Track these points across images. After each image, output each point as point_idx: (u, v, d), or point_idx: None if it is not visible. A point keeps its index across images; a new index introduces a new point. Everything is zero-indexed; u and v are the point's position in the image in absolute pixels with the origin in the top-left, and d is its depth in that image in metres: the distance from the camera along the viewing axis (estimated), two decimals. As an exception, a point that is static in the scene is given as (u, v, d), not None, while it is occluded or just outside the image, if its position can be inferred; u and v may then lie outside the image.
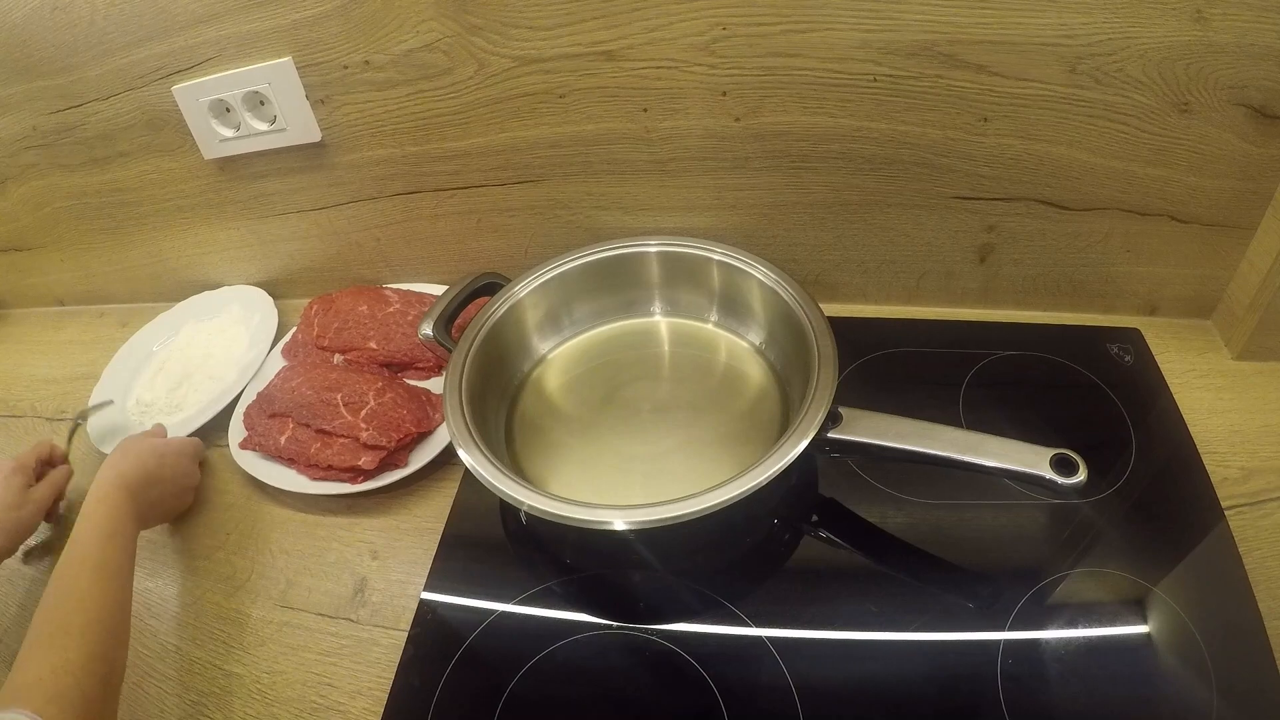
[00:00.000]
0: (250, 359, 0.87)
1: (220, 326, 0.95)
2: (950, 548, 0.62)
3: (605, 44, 0.68)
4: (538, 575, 0.64)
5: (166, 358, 0.93)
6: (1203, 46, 0.60)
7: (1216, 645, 0.53)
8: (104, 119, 0.84)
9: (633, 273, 0.77)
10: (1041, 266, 0.77)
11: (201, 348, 0.93)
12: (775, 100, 0.69)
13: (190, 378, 0.89)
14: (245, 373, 0.84)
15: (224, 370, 0.89)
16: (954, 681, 0.54)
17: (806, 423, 0.56)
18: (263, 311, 0.93)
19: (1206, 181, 0.67)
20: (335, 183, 0.84)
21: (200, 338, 0.94)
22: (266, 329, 0.90)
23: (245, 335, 0.92)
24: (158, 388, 0.89)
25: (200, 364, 0.90)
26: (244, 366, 0.86)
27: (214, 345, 0.93)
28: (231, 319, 0.95)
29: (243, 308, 0.96)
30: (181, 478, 0.72)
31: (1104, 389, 0.71)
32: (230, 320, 0.95)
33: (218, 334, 0.94)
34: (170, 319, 0.98)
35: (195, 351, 0.92)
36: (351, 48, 0.73)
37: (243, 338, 0.92)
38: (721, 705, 0.54)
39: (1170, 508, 0.62)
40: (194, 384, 0.88)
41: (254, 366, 0.85)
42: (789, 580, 0.62)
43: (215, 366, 0.90)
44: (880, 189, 0.73)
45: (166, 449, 0.71)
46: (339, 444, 0.71)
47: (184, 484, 0.73)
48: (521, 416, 0.72)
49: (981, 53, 0.63)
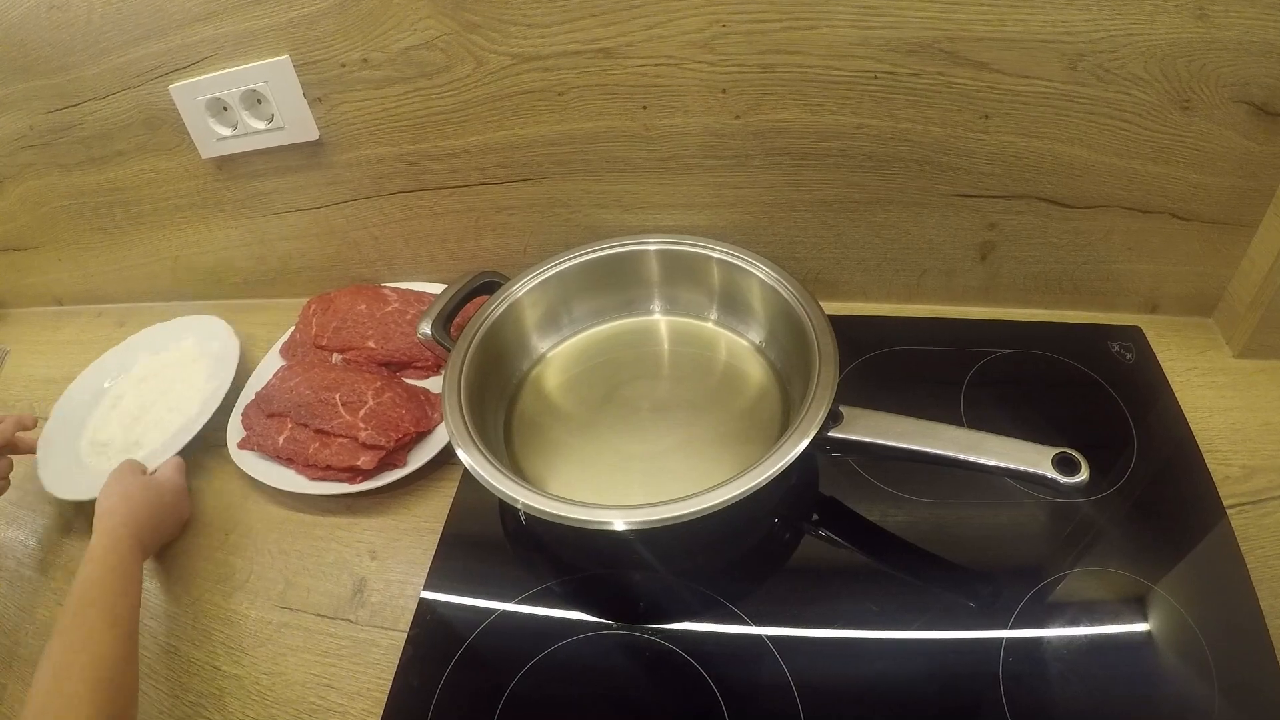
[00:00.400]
0: (212, 389, 0.82)
1: (176, 358, 0.91)
2: (951, 547, 0.61)
3: (604, 41, 0.68)
4: (538, 575, 0.63)
5: (120, 394, 0.88)
6: (1204, 43, 0.60)
7: (1218, 644, 0.53)
8: (101, 118, 0.84)
9: (632, 271, 0.77)
10: (1043, 264, 0.76)
11: (158, 381, 0.88)
12: (775, 98, 0.68)
13: (148, 411, 0.85)
14: (208, 404, 0.80)
15: (184, 402, 0.84)
16: (955, 680, 0.54)
17: (807, 422, 0.56)
18: (221, 340, 0.89)
19: (1208, 179, 0.67)
20: (333, 181, 0.84)
21: (156, 371, 0.90)
22: (227, 358, 0.85)
23: (204, 365, 0.88)
24: (112, 425, 0.85)
25: (158, 398, 0.86)
26: (206, 397, 0.82)
27: (172, 377, 0.88)
28: (188, 350, 0.91)
29: (198, 338, 0.91)
30: (178, 503, 0.72)
31: (1105, 387, 0.71)
32: (187, 351, 0.91)
33: (174, 366, 0.90)
34: (120, 354, 0.93)
35: (151, 385, 0.88)
36: (349, 46, 0.72)
37: (201, 368, 0.88)
38: (722, 705, 0.54)
39: (1172, 506, 0.62)
40: (153, 418, 0.84)
41: (217, 397, 0.80)
42: (789, 580, 0.62)
43: (175, 399, 0.85)
44: (881, 186, 0.73)
45: (159, 480, 0.71)
46: (337, 444, 0.70)
47: (180, 508, 0.72)
48: (521, 415, 0.72)
49: (982, 50, 0.63)
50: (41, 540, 0.76)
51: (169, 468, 0.73)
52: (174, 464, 0.74)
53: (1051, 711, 0.52)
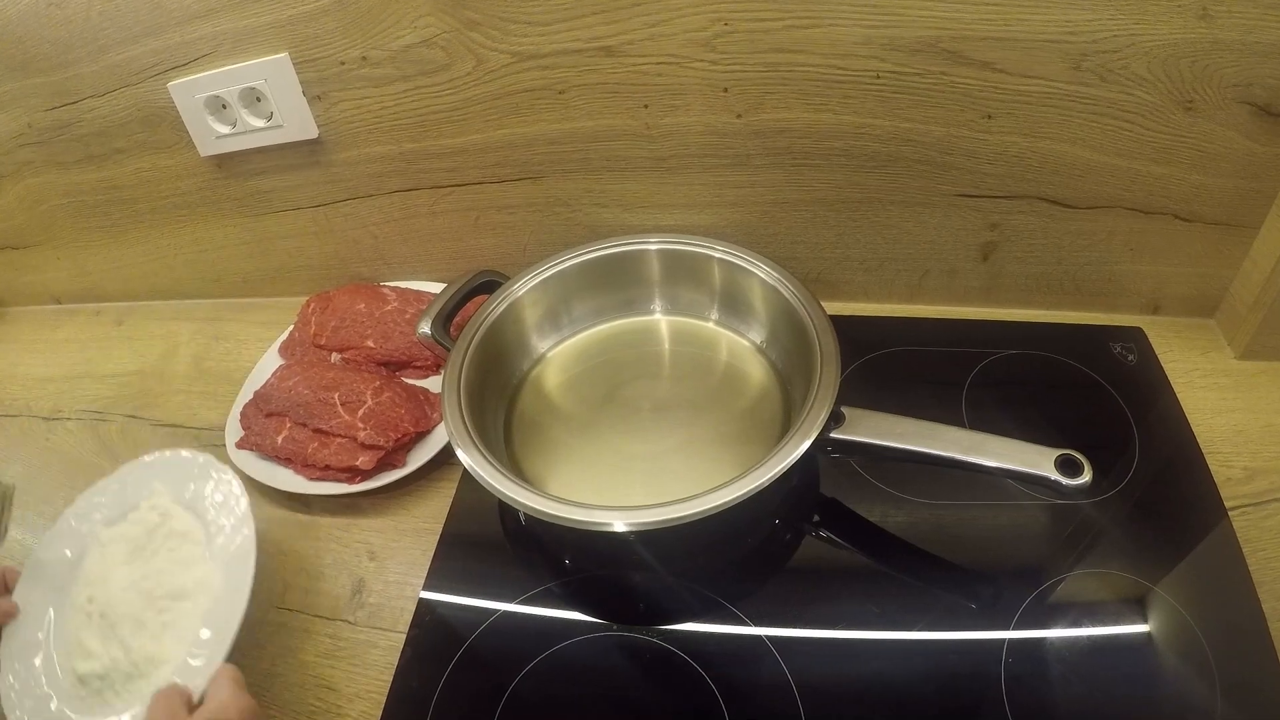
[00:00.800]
0: (222, 545, 0.60)
1: (144, 531, 0.63)
2: (952, 548, 0.61)
3: (605, 39, 0.67)
4: (537, 576, 0.63)
5: (88, 609, 0.59)
6: (1208, 44, 0.59)
7: (1220, 646, 0.53)
8: (100, 116, 0.83)
9: (633, 270, 0.77)
10: (1045, 265, 0.76)
11: (129, 576, 0.60)
12: (777, 97, 0.68)
13: (143, 625, 0.57)
14: (234, 597, 0.56)
15: (186, 579, 0.59)
16: (956, 682, 0.54)
17: (809, 423, 0.56)
18: (211, 480, 0.64)
19: (1210, 180, 0.67)
20: (332, 180, 0.84)
21: (120, 560, 0.61)
22: (228, 508, 0.62)
23: (194, 527, 0.62)
24: (95, 653, 0.57)
25: (145, 601, 0.58)
26: (225, 559, 0.59)
27: (151, 564, 0.61)
28: (160, 512, 0.64)
29: (169, 485, 0.65)
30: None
31: (1107, 388, 0.70)
32: (158, 514, 0.64)
33: (147, 543, 0.62)
34: (59, 541, 0.63)
35: (120, 585, 0.59)
36: (348, 43, 0.72)
37: (192, 535, 0.62)
38: (723, 707, 0.54)
39: (1173, 508, 0.62)
40: (150, 631, 0.57)
41: (244, 585, 0.56)
42: (790, 581, 0.62)
43: (170, 579, 0.59)
44: (883, 186, 0.73)
45: (222, 708, 0.49)
46: (336, 444, 0.70)
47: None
48: (520, 415, 0.72)
49: (985, 49, 0.63)
50: None
51: (225, 685, 0.51)
52: (229, 676, 0.51)
53: (1053, 713, 0.52)
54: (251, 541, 0.59)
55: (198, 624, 0.56)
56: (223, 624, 0.55)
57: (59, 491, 0.79)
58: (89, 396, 0.91)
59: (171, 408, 0.86)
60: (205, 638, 0.55)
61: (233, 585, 0.57)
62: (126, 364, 0.94)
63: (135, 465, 0.67)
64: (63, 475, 0.81)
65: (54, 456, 0.84)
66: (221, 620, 0.55)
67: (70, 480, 0.80)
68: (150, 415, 0.86)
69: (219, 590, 0.58)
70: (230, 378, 0.86)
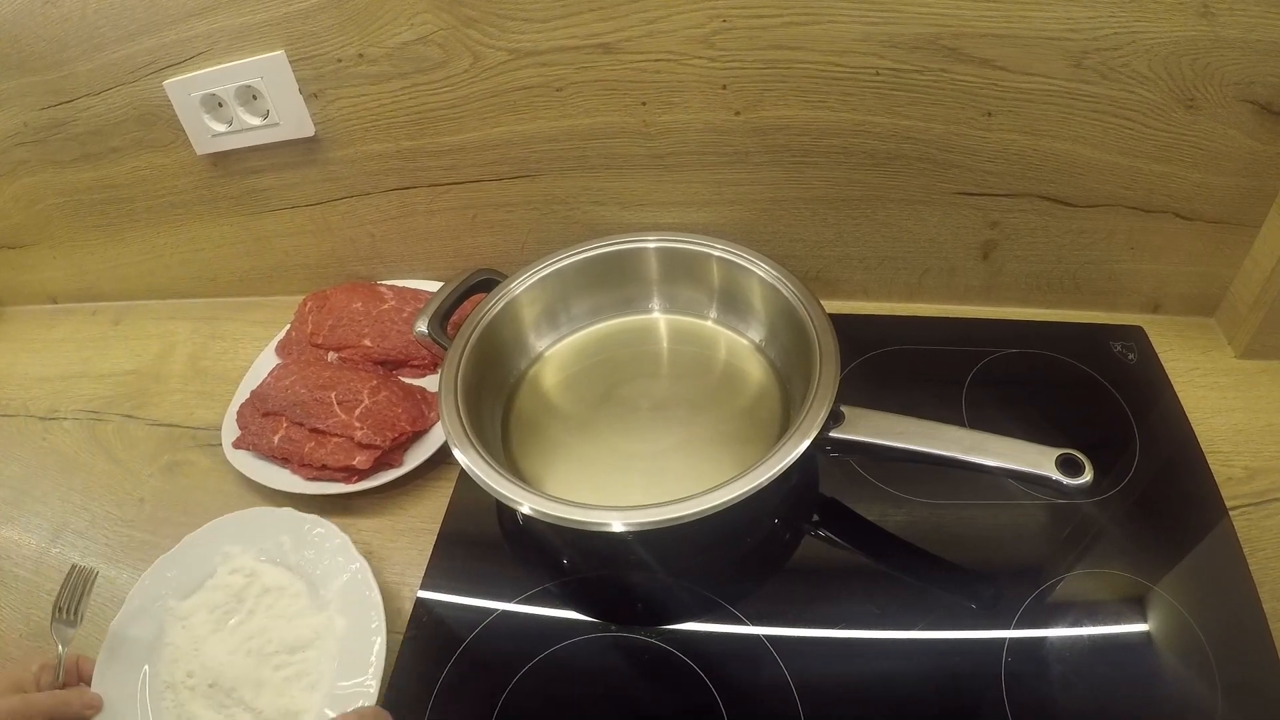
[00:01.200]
0: (351, 610, 0.60)
1: (229, 595, 0.63)
2: (952, 548, 0.61)
3: (602, 36, 0.67)
4: (535, 576, 0.63)
5: (189, 683, 0.59)
6: (1209, 42, 0.59)
7: (1221, 646, 0.53)
8: (96, 114, 0.83)
9: (631, 269, 0.76)
10: (1045, 263, 0.76)
11: (230, 642, 0.60)
12: (776, 94, 0.68)
13: (262, 684, 0.58)
14: (364, 636, 0.58)
15: (304, 638, 0.60)
16: (957, 681, 0.54)
17: (809, 422, 0.55)
18: (297, 530, 0.65)
19: (1211, 178, 0.67)
20: (329, 178, 0.83)
21: (209, 630, 0.61)
22: (323, 550, 0.64)
23: (290, 580, 0.63)
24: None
25: (258, 660, 0.59)
26: (351, 630, 0.59)
27: (251, 624, 0.61)
28: (244, 574, 0.64)
29: (247, 546, 0.65)
30: None
31: (1107, 387, 0.70)
32: (243, 575, 0.64)
33: (237, 606, 0.63)
34: (132, 624, 0.62)
35: (222, 652, 0.60)
36: (345, 41, 0.72)
37: (290, 588, 0.63)
38: (721, 707, 0.54)
39: (1174, 507, 0.62)
40: (273, 687, 0.58)
41: (373, 622, 0.59)
42: (790, 581, 0.61)
43: (282, 643, 0.60)
44: (882, 184, 0.73)
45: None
46: (333, 443, 0.70)
47: None
48: (518, 414, 0.71)
49: (986, 46, 0.62)
50: None
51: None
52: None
53: (1053, 712, 0.52)
54: (368, 576, 0.61)
55: (330, 669, 0.58)
56: (359, 662, 0.57)
57: (55, 491, 0.79)
58: (85, 396, 0.90)
59: (168, 407, 0.86)
60: (343, 683, 0.57)
61: (358, 625, 0.59)
62: (123, 363, 0.94)
63: (202, 533, 0.67)
64: (59, 475, 0.81)
65: (51, 456, 0.84)
66: (357, 659, 0.58)
67: (67, 480, 0.80)
68: (147, 415, 0.86)
69: (343, 632, 0.60)
70: (227, 377, 0.86)
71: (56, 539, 0.75)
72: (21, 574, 0.72)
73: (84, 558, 0.72)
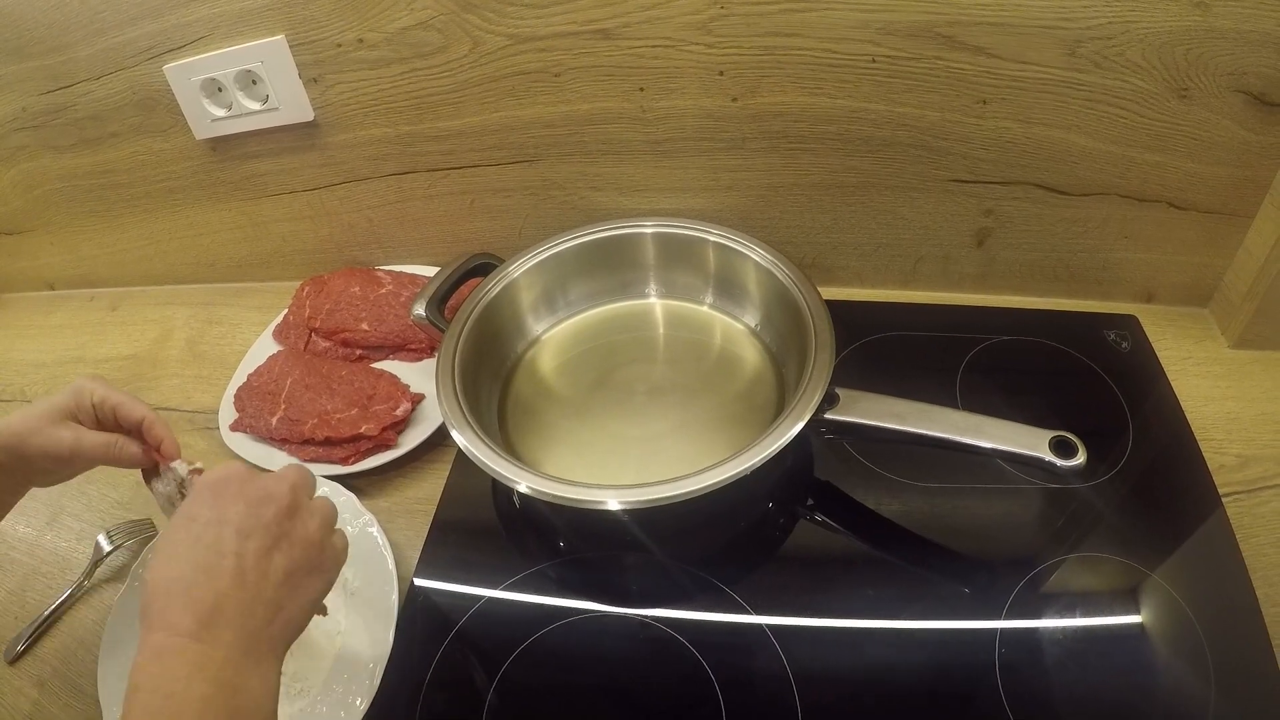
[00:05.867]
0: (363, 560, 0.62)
1: None
2: (947, 532, 0.61)
3: (601, 22, 0.67)
4: (530, 558, 0.63)
5: None
6: (1203, 32, 0.60)
7: (1213, 631, 0.53)
8: (95, 99, 0.83)
9: (628, 254, 0.77)
10: (1039, 252, 0.76)
11: None
12: (773, 80, 0.68)
13: None
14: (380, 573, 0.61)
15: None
16: (950, 666, 0.54)
17: (804, 402, 0.56)
18: None
19: (1204, 168, 0.67)
20: (328, 163, 0.83)
21: None
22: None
23: None
24: None
25: None
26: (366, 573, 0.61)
27: None
28: None
29: None
30: (317, 536, 0.45)
31: (1101, 375, 0.70)
32: None
33: None
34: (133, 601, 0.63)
35: None
36: (345, 25, 0.72)
37: None
38: (716, 687, 0.54)
39: (1167, 494, 0.62)
40: None
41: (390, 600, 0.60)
42: (784, 564, 0.61)
43: None
44: (878, 171, 0.73)
45: (269, 483, 0.45)
46: (330, 425, 0.70)
47: (326, 550, 0.46)
48: (515, 398, 0.71)
49: (981, 34, 0.63)
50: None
51: (296, 472, 0.47)
52: (298, 471, 0.48)
53: (1048, 697, 0.52)
54: (377, 527, 0.63)
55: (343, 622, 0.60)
56: (377, 613, 0.59)
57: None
58: (82, 381, 0.90)
59: (166, 391, 0.86)
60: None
61: (373, 574, 0.61)
62: (121, 348, 0.94)
63: None
64: (55, 458, 0.81)
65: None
66: (374, 610, 0.59)
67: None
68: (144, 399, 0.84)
69: (356, 583, 0.62)
70: (224, 361, 0.86)
71: (53, 523, 0.74)
72: (17, 557, 0.72)
73: (80, 541, 0.72)
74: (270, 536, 0.42)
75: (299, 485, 0.46)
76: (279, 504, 0.43)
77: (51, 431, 0.51)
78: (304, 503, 0.45)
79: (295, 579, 0.42)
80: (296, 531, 0.43)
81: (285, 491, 0.44)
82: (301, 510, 0.45)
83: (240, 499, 0.43)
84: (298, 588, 0.42)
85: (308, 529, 0.44)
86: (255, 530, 0.42)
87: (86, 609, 0.66)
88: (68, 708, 0.60)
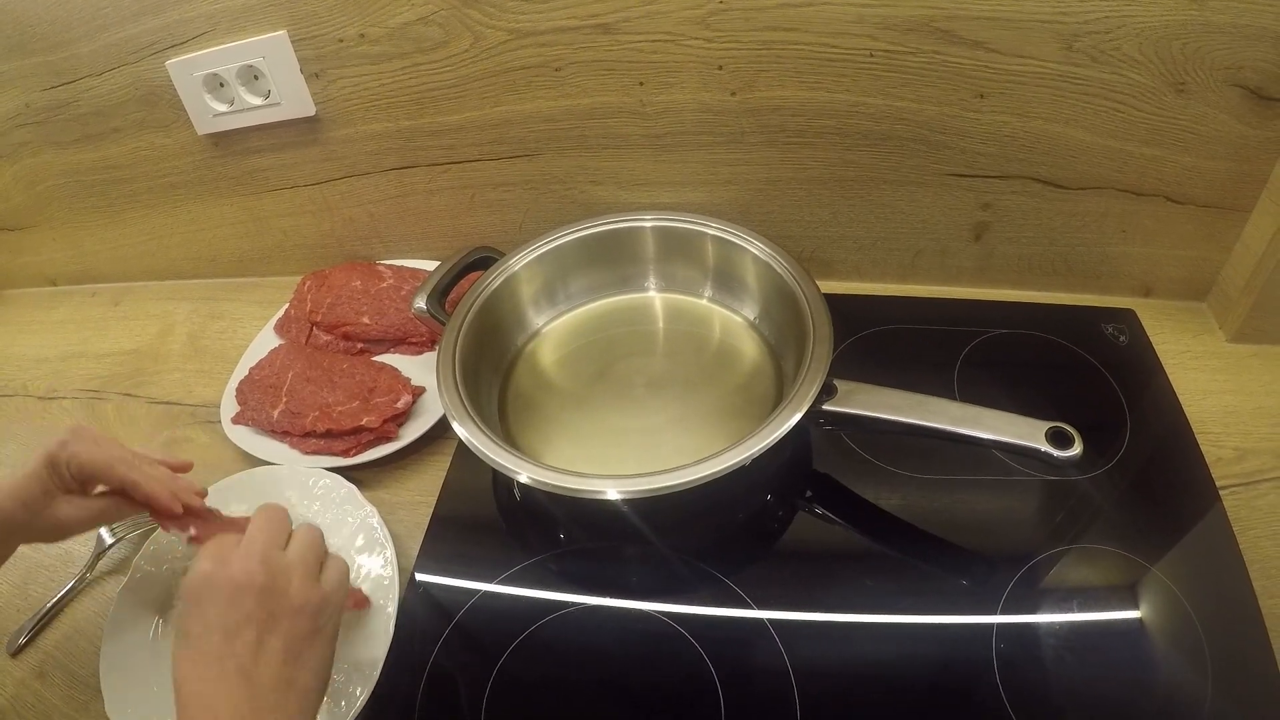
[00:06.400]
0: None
1: None
2: (945, 524, 0.61)
3: (601, 17, 0.68)
4: (530, 550, 0.63)
5: None
6: (1199, 26, 0.60)
7: (1210, 623, 0.53)
8: (98, 95, 0.83)
9: (628, 247, 0.77)
10: (1037, 245, 0.77)
11: None
12: (771, 75, 0.69)
13: None
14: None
15: None
16: (948, 659, 0.54)
17: (802, 393, 0.56)
18: (302, 485, 0.67)
19: (1202, 162, 0.68)
20: (329, 158, 0.84)
21: None
22: (331, 502, 0.65)
23: None
24: None
25: None
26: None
27: None
28: None
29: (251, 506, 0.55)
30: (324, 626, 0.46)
31: (1099, 369, 0.71)
32: None
33: None
34: (139, 592, 0.64)
35: None
36: (347, 20, 0.72)
37: None
38: (715, 677, 0.54)
39: (1165, 487, 0.62)
40: None
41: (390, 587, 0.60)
42: (783, 555, 0.62)
43: None
44: (876, 165, 0.73)
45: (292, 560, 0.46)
46: (331, 418, 0.70)
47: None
48: (515, 390, 0.72)
49: (978, 28, 0.63)
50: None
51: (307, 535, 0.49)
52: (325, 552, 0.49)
53: (1046, 690, 0.52)
54: (377, 519, 0.63)
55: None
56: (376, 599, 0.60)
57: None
58: (85, 375, 0.90)
59: (168, 385, 0.86)
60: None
61: (373, 565, 0.61)
62: (123, 343, 0.94)
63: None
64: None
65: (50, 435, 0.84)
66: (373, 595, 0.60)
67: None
68: (146, 393, 0.86)
69: (357, 574, 0.62)
70: (226, 356, 0.86)
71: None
72: (20, 550, 0.70)
73: (83, 536, 0.72)
74: (256, 625, 0.42)
75: (267, 551, 0.45)
76: (254, 586, 0.43)
77: (36, 519, 0.52)
78: (279, 569, 0.45)
79: (294, 650, 0.43)
80: (280, 606, 0.44)
81: (256, 569, 0.44)
82: (278, 579, 0.44)
83: (219, 599, 0.43)
84: (299, 657, 0.43)
85: (290, 600, 0.44)
86: (241, 626, 0.42)
87: (88, 601, 0.66)
88: (70, 699, 0.60)
